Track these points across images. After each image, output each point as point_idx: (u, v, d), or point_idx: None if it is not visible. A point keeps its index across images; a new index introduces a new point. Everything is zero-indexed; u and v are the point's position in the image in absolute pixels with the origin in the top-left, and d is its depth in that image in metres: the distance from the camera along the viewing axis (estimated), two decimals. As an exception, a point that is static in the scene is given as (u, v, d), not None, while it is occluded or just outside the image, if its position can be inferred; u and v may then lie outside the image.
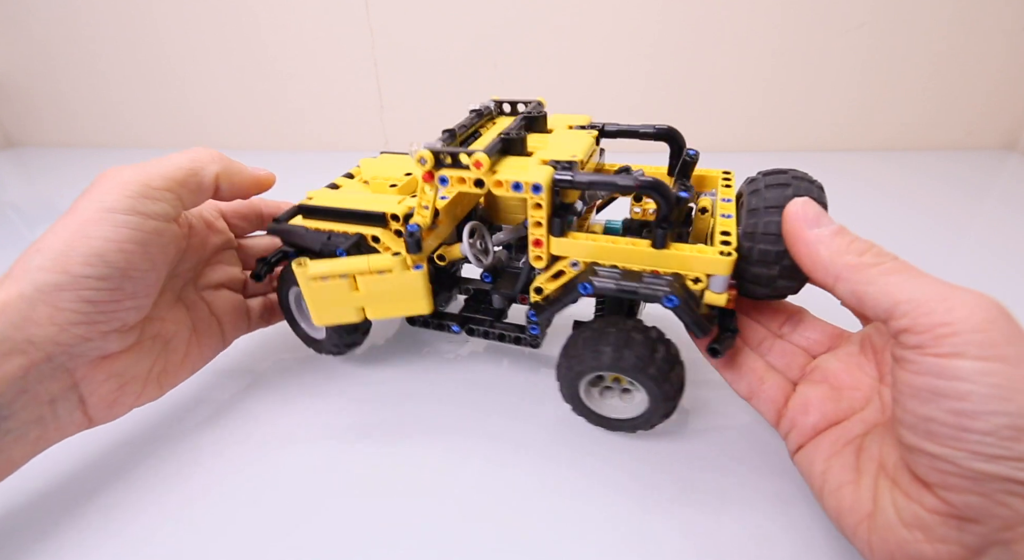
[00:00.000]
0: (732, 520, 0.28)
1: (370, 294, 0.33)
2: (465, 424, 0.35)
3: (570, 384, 0.31)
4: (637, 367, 0.28)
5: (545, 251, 0.30)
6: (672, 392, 0.29)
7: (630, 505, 0.29)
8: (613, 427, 0.33)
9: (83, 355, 0.28)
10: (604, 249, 0.29)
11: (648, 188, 0.27)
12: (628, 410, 0.32)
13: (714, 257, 0.27)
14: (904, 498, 0.22)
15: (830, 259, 0.23)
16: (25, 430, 0.26)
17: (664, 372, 0.29)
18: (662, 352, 0.29)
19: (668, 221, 0.27)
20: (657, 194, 0.27)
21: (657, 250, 0.28)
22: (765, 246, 0.26)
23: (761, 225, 0.26)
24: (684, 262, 0.27)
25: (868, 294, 0.22)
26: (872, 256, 0.23)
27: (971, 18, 0.95)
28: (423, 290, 0.33)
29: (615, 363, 0.28)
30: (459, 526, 0.28)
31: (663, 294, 0.26)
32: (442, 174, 0.30)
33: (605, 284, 0.28)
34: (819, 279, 0.24)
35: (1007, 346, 0.19)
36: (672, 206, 0.27)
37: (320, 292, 0.33)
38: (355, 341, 0.40)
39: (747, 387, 0.31)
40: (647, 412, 0.31)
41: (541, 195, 0.28)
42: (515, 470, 0.32)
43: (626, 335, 0.29)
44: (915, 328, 0.20)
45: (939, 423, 0.20)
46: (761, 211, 0.27)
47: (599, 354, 0.29)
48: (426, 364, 0.41)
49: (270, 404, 0.38)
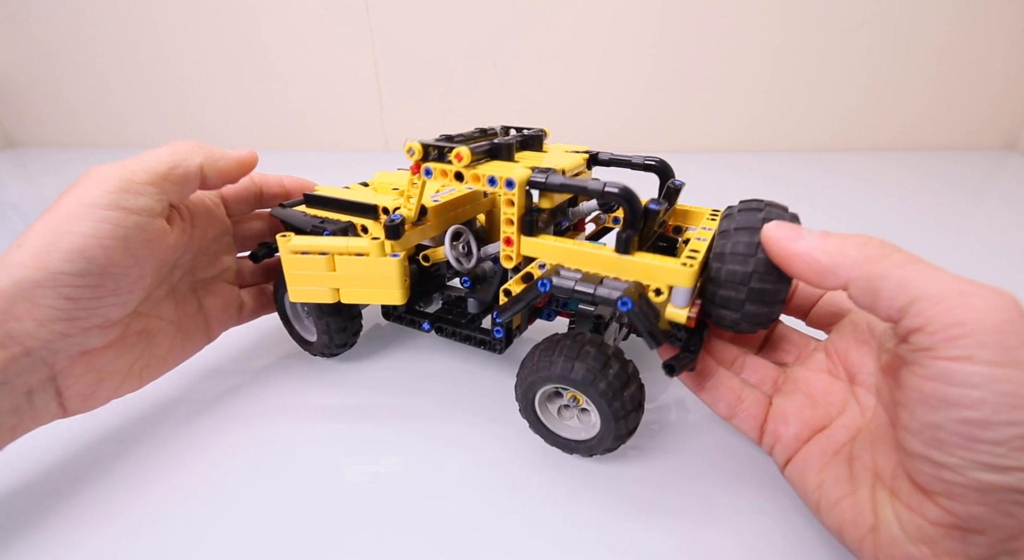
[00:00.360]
0: (719, 532, 0.28)
1: (346, 276, 0.34)
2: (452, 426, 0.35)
3: (524, 395, 0.31)
4: (587, 380, 0.28)
5: (515, 250, 0.31)
6: (623, 412, 0.28)
7: (612, 515, 0.29)
8: (567, 448, 0.32)
9: (63, 350, 0.28)
10: (570, 252, 0.30)
11: (615, 194, 0.27)
12: (582, 431, 0.31)
13: (675, 267, 0.27)
14: (906, 510, 0.21)
15: (834, 261, 0.22)
16: (1, 420, 0.26)
17: (615, 389, 0.28)
18: (615, 368, 0.28)
19: (633, 227, 0.28)
20: (623, 200, 0.27)
21: (620, 256, 0.28)
22: (733, 266, 0.26)
23: (730, 245, 0.26)
24: (646, 270, 0.28)
25: (884, 289, 0.21)
26: (875, 247, 0.22)
27: (971, 18, 0.95)
28: (397, 279, 0.33)
29: (564, 374, 0.28)
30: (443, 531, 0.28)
31: (617, 297, 0.26)
32: (427, 166, 0.31)
33: (563, 283, 0.28)
34: (828, 285, 0.23)
35: (1022, 350, 0.18)
36: (638, 212, 0.28)
37: (298, 266, 0.34)
38: (346, 342, 0.40)
39: (726, 408, 0.30)
40: (600, 433, 0.29)
41: (513, 192, 0.29)
42: (496, 475, 0.31)
43: (579, 347, 0.29)
44: (928, 327, 0.19)
45: (947, 431, 0.19)
46: (731, 232, 0.27)
47: (550, 364, 0.29)
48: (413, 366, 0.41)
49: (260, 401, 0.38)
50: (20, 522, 0.29)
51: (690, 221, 0.35)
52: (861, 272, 0.22)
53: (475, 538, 0.28)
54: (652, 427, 0.35)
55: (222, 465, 0.33)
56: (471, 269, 0.36)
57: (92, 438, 0.35)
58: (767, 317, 0.27)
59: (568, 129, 1.10)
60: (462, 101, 1.12)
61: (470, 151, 0.29)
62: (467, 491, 0.30)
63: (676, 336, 0.31)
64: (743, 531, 0.28)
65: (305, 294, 0.35)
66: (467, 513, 0.29)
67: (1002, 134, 1.06)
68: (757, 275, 0.25)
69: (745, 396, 0.30)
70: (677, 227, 0.35)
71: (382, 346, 0.44)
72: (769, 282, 0.25)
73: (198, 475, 0.32)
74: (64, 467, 0.33)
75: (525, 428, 0.34)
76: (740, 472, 0.31)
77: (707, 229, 0.31)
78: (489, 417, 0.36)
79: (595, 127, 1.11)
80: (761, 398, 0.29)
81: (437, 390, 0.39)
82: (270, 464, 0.33)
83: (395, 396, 0.38)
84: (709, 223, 0.32)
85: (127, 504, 0.30)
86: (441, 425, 0.35)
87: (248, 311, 0.41)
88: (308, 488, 0.31)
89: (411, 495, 0.30)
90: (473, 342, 0.37)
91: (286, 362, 0.42)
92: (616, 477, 0.31)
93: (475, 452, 0.33)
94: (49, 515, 0.29)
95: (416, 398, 0.38)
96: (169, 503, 0.30)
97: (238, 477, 0.32)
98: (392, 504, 0.30)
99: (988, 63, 0.99)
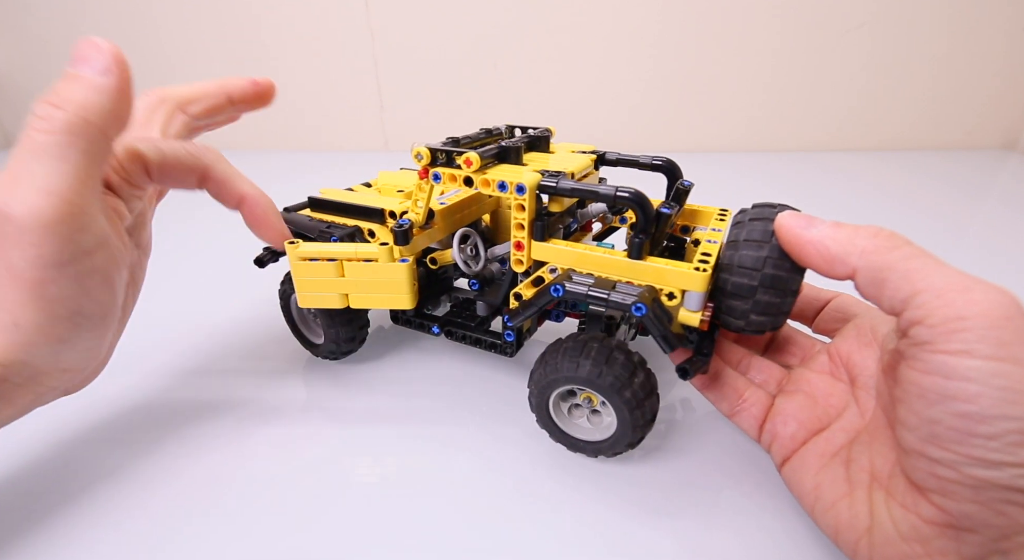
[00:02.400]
0: (722, 531, 0.28)
1: (355, 282, 0.34)
2: (456, 427, 0.35)
3: (541, 393, 0.31)
4: (614, 387, 0.27)
5: (526, 255, 0.31)
6: (642, 422, 0.28)
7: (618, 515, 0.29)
8: (575, 447, 0.32)
9: None
10: (582, 257, 0.30)
11: (627, 198, 0.27)
12: (594, 432, 0.31)
13: (688, 272, 0.27)
14: (900, 509, 0.21)
15: (843, 250, 0.23)
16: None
17: (639, 399, 0.28)
18: (641, 377, 0.28)
19: (646, 232, 0.28)
20: (635, 204, 0.27)
21: (633, 261, 0.28)
22: (739, 280, 0.26)
23: (737, 258, 0.26)
24: (659, 274, 0.28)
25: (889, 279, 0.21)
26: (885, 238, 0.23)
27: (971, 19, 0.96)
28: (406, 284, 0.33)
29: (592, 379, 0.28)
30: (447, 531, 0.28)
31: (632, 302, 0.26)
32: (436, 171, 0.31)
33: (577, 288, 0.28)
34: (837, 273, 0.23)
35: (1019, 345, 0.18)
36: (650, 217, 0.28)
37: (307, 272, 0.34)
38: (352, 349, 0.41)
39: (729, 406, 0.30)
40: (613, 437, 0.29)
41: (524, 196, 0.29)
42: (501, 475, 0.31)
43: (608, 352, 0.28)
44: (928, 320, 0.20)
45: (944, 426, 0.19)
46: (740, 244, 0.27)
47: (578, 366, 0.28)
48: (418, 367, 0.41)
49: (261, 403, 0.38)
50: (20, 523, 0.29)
51: (698, 221, 0.35)
52: (869, 261, 0.22)
53: (480, 539, 0.28)
54: (658, 427, 0.35)
55: (225, 466, 0.33)
56: (479, 272, 0.36)
57: (91, 439, 0.35)
58: (778, 309, 0.27)
59: (568, 129, 1.10)
60: (462, 101, 1.12)
61: (479, 156, 0.29)
62: (473, 493, 0.30)
63: (688, 338, 0.31)
64: (748, 532, 0.28)
65: (315, 300, 0.35)
66: (473, 514, 0.29)
67: (1002, 134, 1.07)
68: (771, 261, 0.26)
69: (747, 395, 0.30)
70: (685, 227, 0.35)
71: (387, 348, 0.44)
72: (783, 269, 0.26)
73: (201, 475, 0.32)
74: (64, 467, 0.32)
75: (532, 430, 0.34)
76: (743, 471, 0.31)
77: (717, 230, 0.31)
78: (495, 419, 0.36)
79: (595, 127, 1.11)
80: (763, 397, 0.30)
81: (443, 392, 0.39)
82: (276, 466, 0.33)
83: (400, 398, 0.38)
84: (718, 224, 0.32)
85: (131, 506, 0.30)
86: (448, 427, 0.36)
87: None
88: (312, 489, 0.31)
89: (417, 497, 0.30)
90: (483, 346, 0.37)
91: (290, 364, 0.42)
92: (623, 478, 0.31)
93: (481, 454, 0.33)
94: (48, 514, 0.29)
95: (422, 400, 0.38)
96: (171, 504, 0.30)
97: (242, 479, 0.32)
98: (398, 506, 0.30)
99: (988, 63, 0.99)
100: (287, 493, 0.31)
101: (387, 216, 0.35)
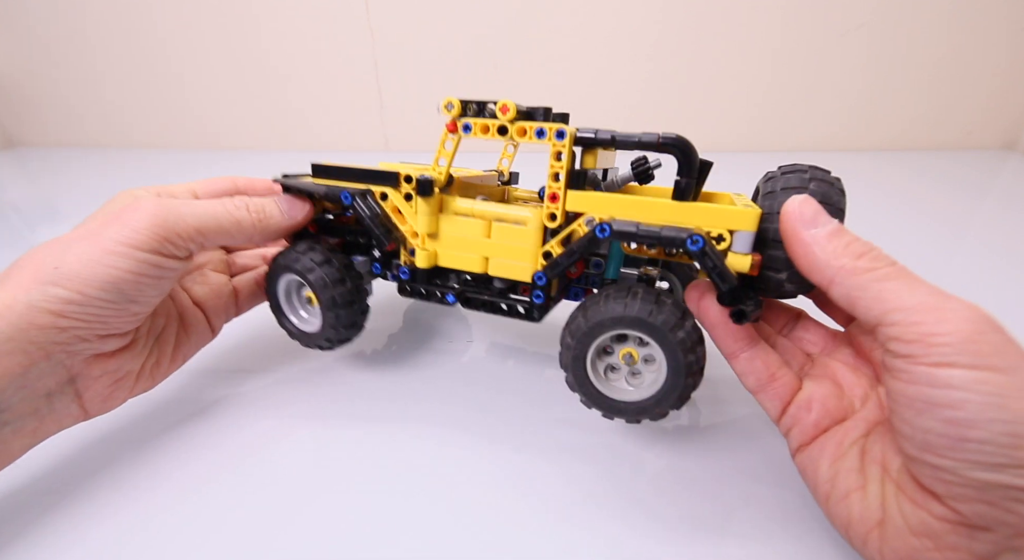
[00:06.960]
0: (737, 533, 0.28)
1: (497, 245, 0.33)
2: (462, 424, 0.35)
3: (580, 343, 0.29)
4: (667, 324, 0.26)
5: (561, 206, 0.30)
6: (696, 368, 0.28)
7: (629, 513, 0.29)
8: (614, 410, 0.30)
9: (80, 353, 0.29)
10: (622, 203, 0.29)
11: (670, 144, 0.27)
12: (636, 393, 0.29)
13: (739, 210, 0.26)
14: (911, 505, 0.21)
15: (825, 261, 0.23)
16: (22, 423, 0.27)
17: (693, 341, 0.27)
18: (691, 322, 0.28)
19: (690, 175, 0.27)
20: (678, 149, 0.27)
21: (678, 203, 0.27)
22: (773, 252, 0.26)
23: (777, 205, 0.26)
24: (707, 214, 0.27)
25: (861, 300, 0.22)
26: (868, 260, 0.23)
27: (971, 18, 0.96)
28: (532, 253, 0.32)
29: (644, 317, 0.27)
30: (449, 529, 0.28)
31: (687, 236, 0.26)
32: (466, 121, 0.31)
33: (625, 227, 0.27)
34: (815, 280, 0.24)
35: (996, 356, 0.19)
36: (694, 161, 0.28)
37: (455, 229, 0.33)
38: (350, 336, 0.39)
39: (756, 381, 0.29)
40: (660, 392, 0.28)
41: (563, 142, 0.29)
42: (509, 470, 0.31)
43: (656, 295, 0.28)
44: (904, 337, 0.20)
45: (936, 434, 0.19)
46: (778, 193, 0.27)
47: (626, 306, 0.27)
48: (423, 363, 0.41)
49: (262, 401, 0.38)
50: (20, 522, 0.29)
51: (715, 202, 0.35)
52: (843, 279, 0.23)
53: (484, 540, 0.28)
54: (665, 427, 0.35)
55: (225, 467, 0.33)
56: None
57: (92, 438, 0.35)
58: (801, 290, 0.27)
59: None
60: (462, 101, 1.12)
61: (516, 105, 0.29)
62: (476, 493, 0.30)
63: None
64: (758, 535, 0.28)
65: (456, 260, 0.34)
66: (476, 516, 0.29)
67: (1002, 134, 1.07)
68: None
69: (780, 375, 0.29)
70: None
71: (388, 349, 0.44)
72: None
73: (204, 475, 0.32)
74: (63, 467, 0.33)
75: (536, 431, 0.34)
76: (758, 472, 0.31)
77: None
78: (498, 420, 0.36)
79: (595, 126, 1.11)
80: (793, 380, 0.29)
81: (446, 393, 0.39)
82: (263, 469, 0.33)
83: (402, 398, 0.38)
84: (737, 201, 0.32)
85: (128, 505, 0.30)
86: (448, 427, 0.35)
87: (244, 298, 0.40)
88: (311, 490, 0.31)
89: (419, 497, 0.30)
90: (504, 311, 0.35)
91: (292, 365, 0.42)
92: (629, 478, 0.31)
93: (485, 454, 0.33)
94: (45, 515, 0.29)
95: (426, 402, 0.38)
96: (172, 505, 0.30)
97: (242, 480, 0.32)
98: (399, 506, 0.30)
99: (988, 63, 0.99)
100: (286, 493, 0.31)
101: (402, 179, 0.34)
